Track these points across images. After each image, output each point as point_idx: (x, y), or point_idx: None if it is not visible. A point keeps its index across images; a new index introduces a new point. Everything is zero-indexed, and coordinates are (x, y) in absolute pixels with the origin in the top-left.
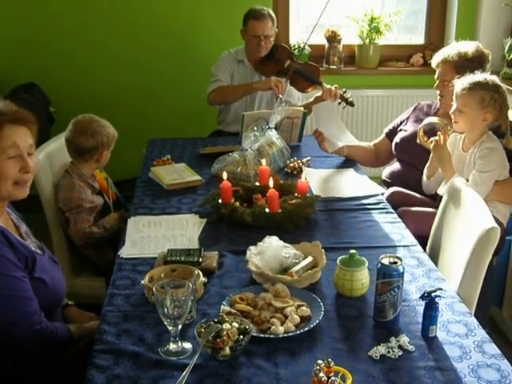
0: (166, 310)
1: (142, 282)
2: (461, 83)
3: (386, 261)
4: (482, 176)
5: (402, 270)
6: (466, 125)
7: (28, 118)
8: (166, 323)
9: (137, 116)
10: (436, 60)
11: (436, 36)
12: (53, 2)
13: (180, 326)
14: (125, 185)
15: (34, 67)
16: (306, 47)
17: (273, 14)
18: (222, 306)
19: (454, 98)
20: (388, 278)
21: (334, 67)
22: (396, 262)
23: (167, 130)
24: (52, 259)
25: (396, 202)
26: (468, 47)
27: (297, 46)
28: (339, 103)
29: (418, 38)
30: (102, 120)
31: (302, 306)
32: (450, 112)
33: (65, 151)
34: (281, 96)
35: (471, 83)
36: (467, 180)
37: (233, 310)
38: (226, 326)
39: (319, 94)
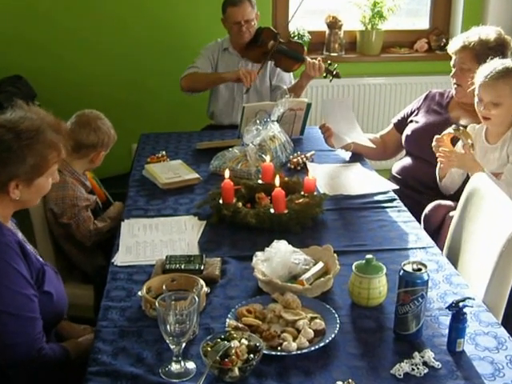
0: (168, 326)
1: (139, 293)
2: (487, 73)
3: (408, 267)
4: None
5: (426, 278)
6: (501, 117)
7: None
8: (168, 341)
9: (126, 109)
10: (454, 46)
11: (441, 20)
12: None
13: (183, 345)
14: (112, 182)
15: (20, 59)
16: (306, 34)
17: None
18: (228, 320)
19: (478, 92)
20: (411, 286)
21: (335, 54)
22: (420, 269)
23: (158, 123)
24: (53, 269)
25: (441, 215)
26: (489, 34)
27: (296, 33)
28: (324, 77)
29: (422, 23)
30: (107, 120)
31: (316, 318)
32: (481, 109)
33: None
34: (284, 87)
35: (501, 70)
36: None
37: (240, 325)
38: (235, 343)
39: None
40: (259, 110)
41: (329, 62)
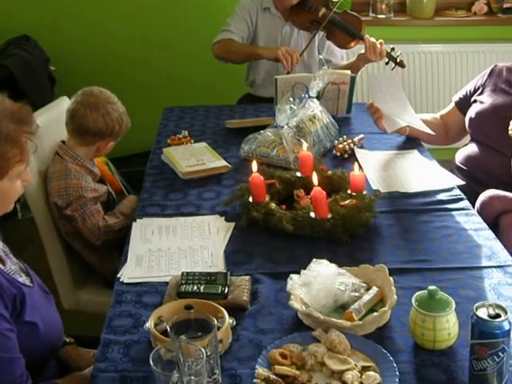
0: None
1: (147, 325)
2: None
3: (483, 313)
4: None
5: (507, 328)
6: None
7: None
8: None
9: (151, 75)
10: None
11: None
12: None
13: None
14: (136, 159)
15: (27, 17)
16: None
17: None
18: (258, 368)
19: None
20: (488, 338)
21: (383, 17)
22: (499, 315)
23: (187, 92)
24: (43, 289)
25: (496, 211)
26: None
27: None
28: (386, 63)
29: None
30: (119, 103)
31: (369, 368)
32: None
33: (56, 129)
34: (321, 56)
35: None
36: None
37: (272, 376)
38: None
39: (363, 51)
40: (295, 83)
41: (391, 46)
